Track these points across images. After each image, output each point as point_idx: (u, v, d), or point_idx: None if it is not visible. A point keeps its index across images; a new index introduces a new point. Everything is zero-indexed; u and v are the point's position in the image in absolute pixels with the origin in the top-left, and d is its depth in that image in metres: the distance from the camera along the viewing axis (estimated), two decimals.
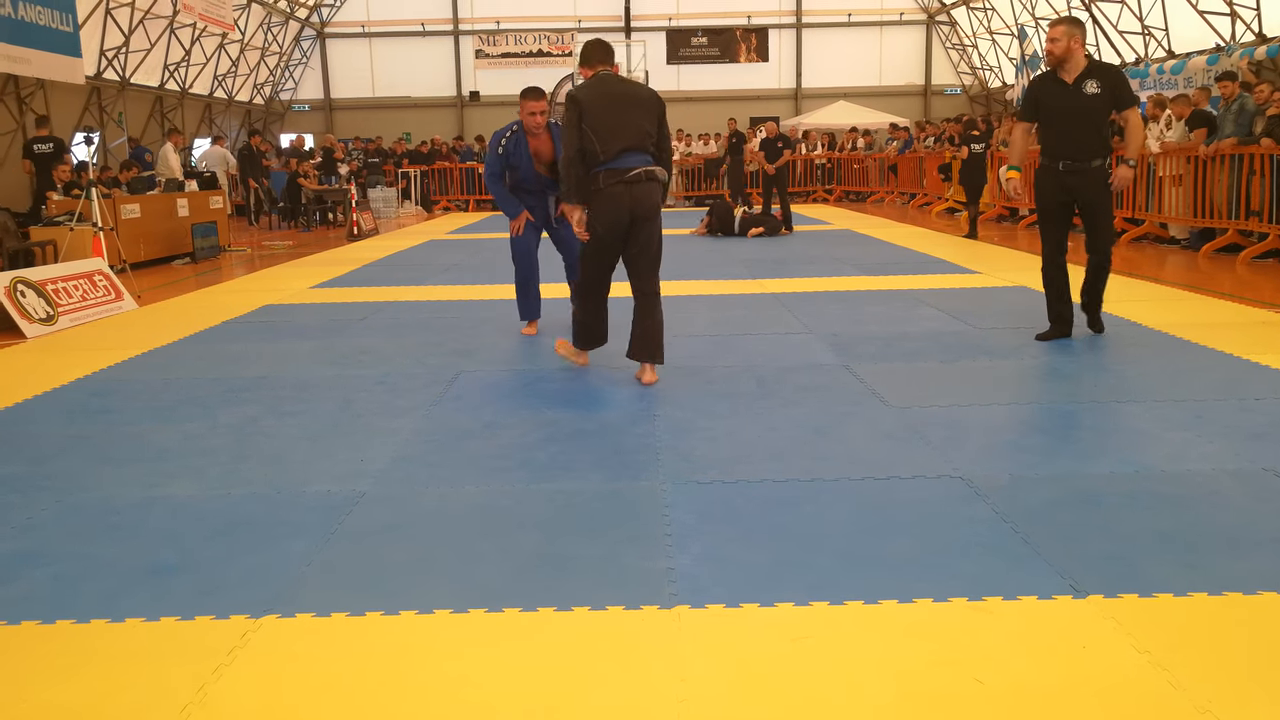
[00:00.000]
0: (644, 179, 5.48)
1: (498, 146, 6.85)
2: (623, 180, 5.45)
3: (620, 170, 5.44)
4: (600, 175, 5.47)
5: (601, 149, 5.41)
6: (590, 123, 5.44)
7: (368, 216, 18.15)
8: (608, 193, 5.47)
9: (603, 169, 5.45)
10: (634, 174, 5.46)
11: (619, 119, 5.48)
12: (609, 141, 5.42)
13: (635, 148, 5.47)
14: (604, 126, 5.44)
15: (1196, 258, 11.30)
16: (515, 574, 3.11)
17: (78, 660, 2.63)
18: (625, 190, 5.46)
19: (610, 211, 5.49)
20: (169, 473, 4.22)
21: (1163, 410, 4.81)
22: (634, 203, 5.46)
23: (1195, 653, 2.54)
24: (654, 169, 5.52)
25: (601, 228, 5.56)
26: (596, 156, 5.44)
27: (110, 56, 23.26)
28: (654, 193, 5.54)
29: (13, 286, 7.91)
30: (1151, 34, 23.17)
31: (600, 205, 5.50)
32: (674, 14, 33.78)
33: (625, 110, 5.51)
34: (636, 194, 5.47)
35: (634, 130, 5.48)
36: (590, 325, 5.92)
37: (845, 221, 17.78)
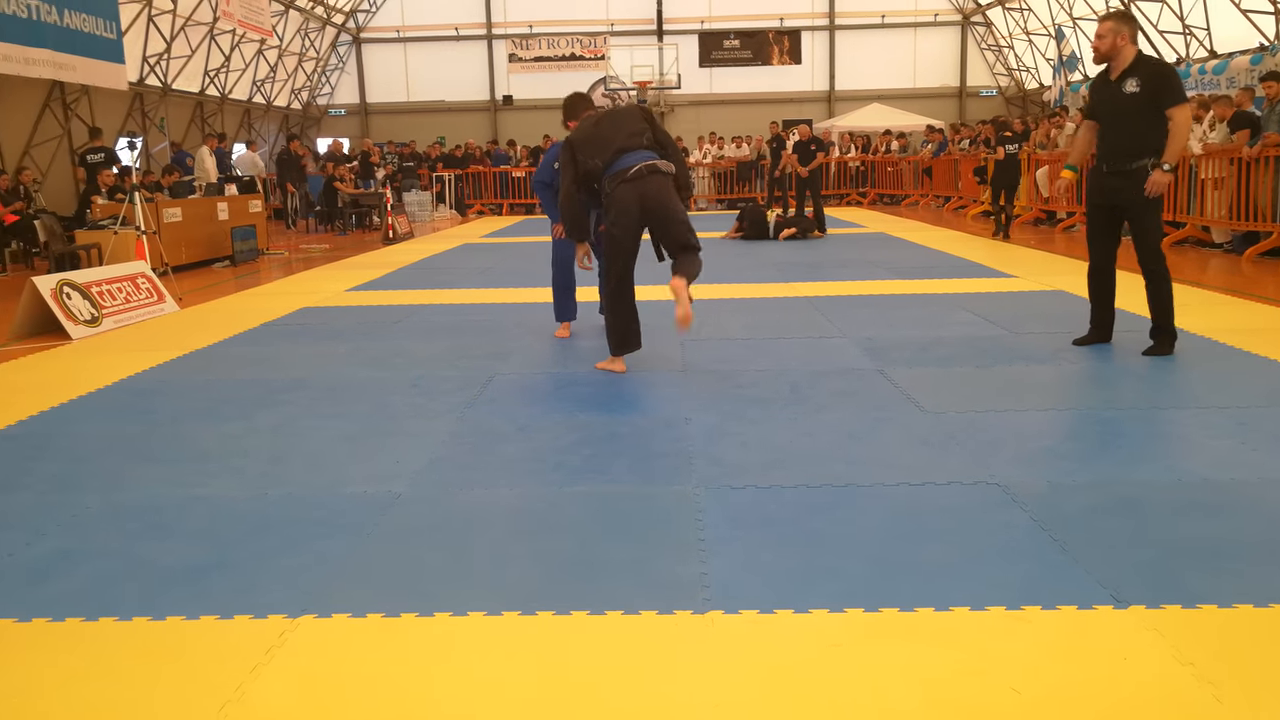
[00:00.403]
0: (646, 173, 5.62)
1: (554, 161, 6.99)
2: (626, 179, 5.60)
3: (623, 170, 5.61)
4: (605, 181, 5.65)
5: (601, 160, 5.63)
6: (583, 151, 5.71)
7: (403, 220, 18.25)
8: (616, 195, 5.64)
9: (606, 175, 5.62)
10: (635, 170, 5.61)
11: (607, 133, 5.74)
12: (602, 151, 5.65)
13: (630, 148, 5.66)
14: (595, 144, 5.70)
15: (1239, 261, 11.17)
16: (549, 577, 3.12)
17: (120, 657, 2.67)
18: (632, 189, 5.60)
19: (622, 213, 5.64)
20: (209, 472, 4.26)
21: (1205, 417, 4.75)
22: (642, 199, 5.58)
23: (1240, 665, 2.51)
24: (657, 163, 5.62)
25: (617, 230, 5.66)
26: (598, 171, 5.65)
27: (152, 63, 23.51)
28: (662, 185, 5.64)
29: (59, 289, 8.02)
30: (1193, 33, 22.93)
31: (612, 209, 5.67)
32: (706, 17, 33.74)
33: (611, 125, 5.80)
34: (644, 189, 5.59)
35: (623, 135, 5.70)
36: (622, 329, 5.97)
37: (879, 225, 17.70)
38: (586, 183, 5.83)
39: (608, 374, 5.99)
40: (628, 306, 5.94)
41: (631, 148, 5.68)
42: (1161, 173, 5.91)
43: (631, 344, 6.01)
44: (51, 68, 14.79)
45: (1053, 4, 28.65)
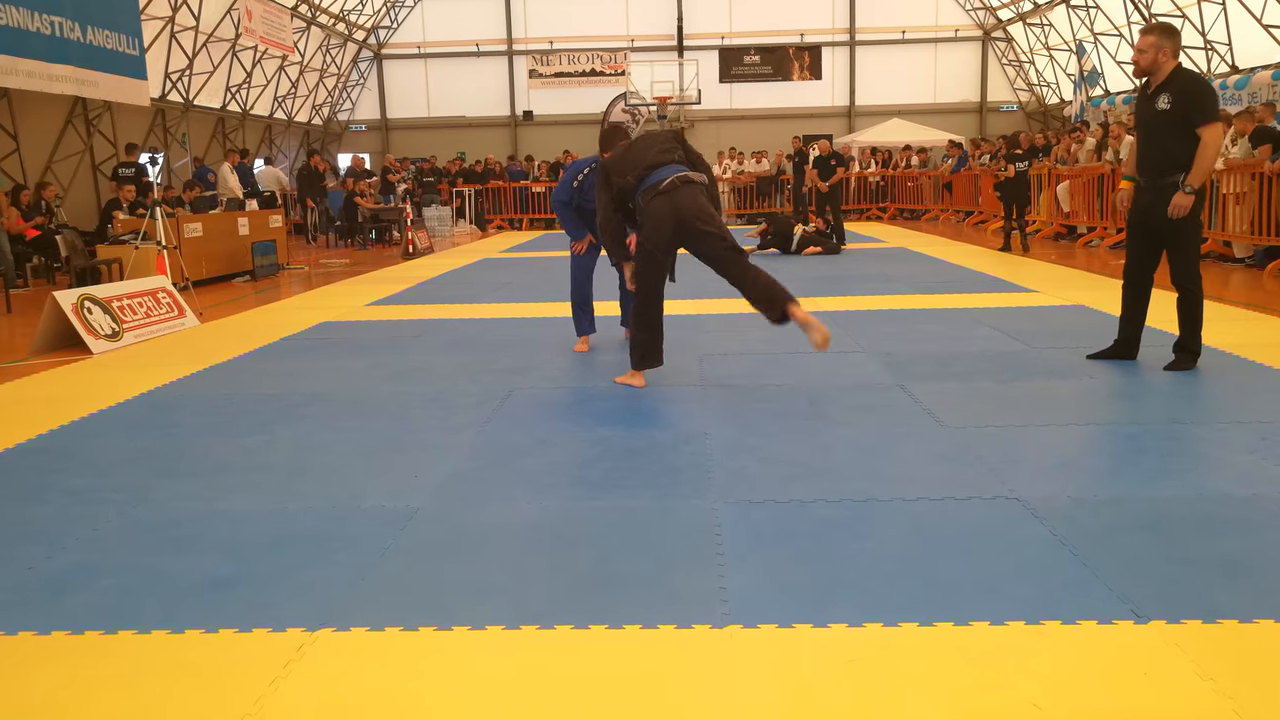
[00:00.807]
0: (680, 185, 5.62)
1: (573, 180, 7.07)
2: (659, 192, 5.61)
3: (655, 184, 5.64)
4: (640, 197, 5.67)
5: (633, 176, 5.68)
6: (615, 172, 5.77)
7: (423, 235, 18.32)
8: (650, 209, 5.64)
9: (640, 190, 5.64)
10: (668, 183, 5.62)
11: (638, 153, 5.81)
12: (634, 168, 5.70)
13: (661, 163, 5.70)
14: (627, 163, 5.77)
15: (1261, 276, 11.11)
16: (567, 591, 3.12)
17: (139, 671, 2.67)
18: (666, 201, 5.60)
19: (657, 227, 5.63)
20: (228, 486, 4.28)
21: (1227, 432, 4.72)
22: (676, 210, 5.58)
23: (1261, 681, 2.49)
24: (689, 174, 5.64)
25: (650, 244, 5.66)
26: (631, 188, 5.68)
27: (174, 79, 23.70)
28: (696, 195, 5.63)
29: (80, 303, 8.07)
30: (1214, 49, 22.84)
31: (646, 223, 5.66)
32: (727, 32, 33.81)
33: (642, 146, 5.87)
34: (678, 201, 5.59)
35: (654, 152, 5.76)
36: (647, 345, 5.95)
37: (899, 240, 17.67)
38: (620, 201, 5.86)
39: (627, 389, 5.99)
40: (655, 322, 5.93)
41: (663, 163, 5.71)
42: (1183, 194, 5.82)
43: (653, 360, 6.01)
44: (74, 84, 14.94)
45: (1073, 19, 28.60)
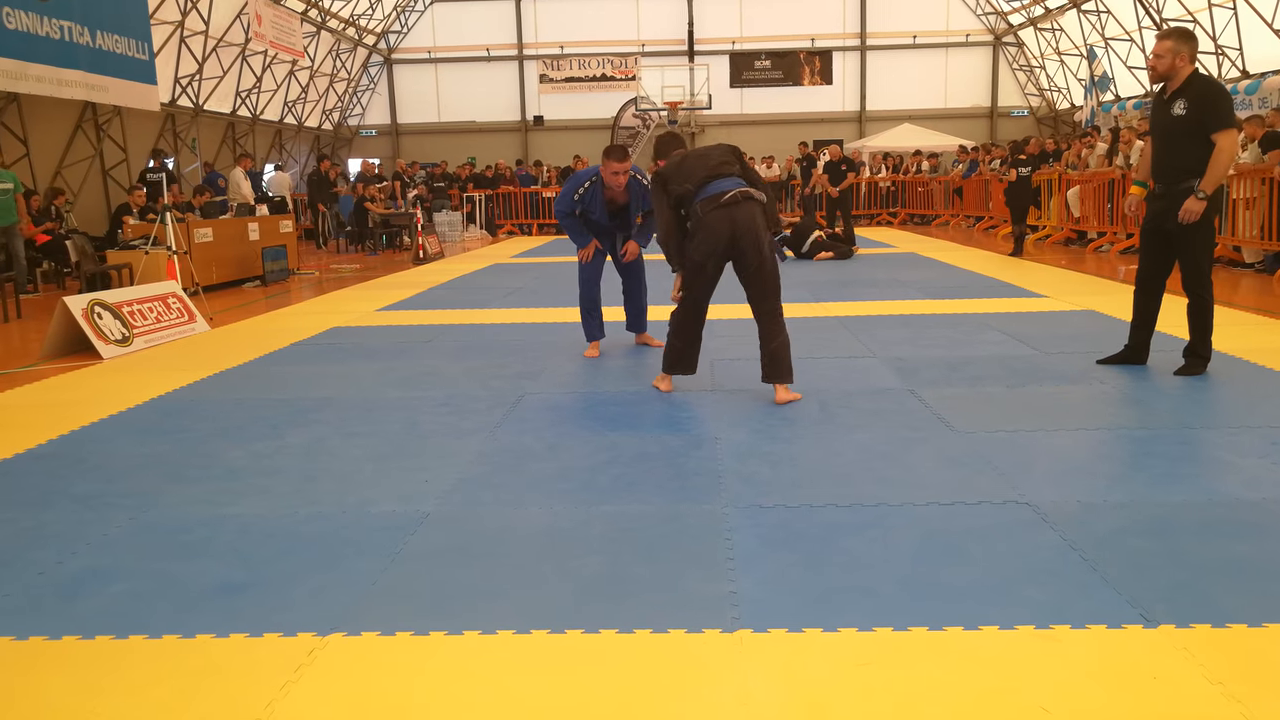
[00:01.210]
0: (741, 199, 5.57)
1: (574, 192, 7.06)
2: (720, 204, 5.54)
3: (716, 195, 5.56)
4: (698, 205, 5.59)
5: (692, 184, 5.62)
6: (673, 181, 5.71)
7: (433, 240, 18.35)
8: (708, 219, 5.57)
9: (698, 200, 5.58)
10: (730, 196, 5.55)
11: (695, 163, 5.74)
12: (691, 177, 5.64)
13: (721, 175, 5.64)
14: (686, 173, 5.70)
15: (1271, 282, 11.06)
16: (578, 596, 3.12)
17: (150, 675, 2.68)
18: (725, 214, 5.54)
19: (710, 238, 5.57)
20: (238, 491, 4.29)
21: (1237, 437, 4.71)
22: (734, 225, 5.53)
23: (1270, 685, 2.49)
24: (749, 190, 5.59)
25: (701, 255, 5.63)
26: (689, 196, 5.62)
27: (184, 84, 23.78)
28: (754, 213, 5.59)
29: (90, 308, 8.10)
30: (1225, 54, 22.79)
31: (700, 232, 5.61)
32: (737, 37, 33.85)
33: (699, 157, 5.80)
34: (736, 216, 5.54)
35: (712, 163, 5.69)
36: (683, 352, 5.97)
37: (909, 244, 17.66)
38: (677, 209, 5.81)
39: (638, 393, 5.99)
40: (693, 332, 5.93)
41: (722, 174, 5.65)
42: (1196, 200, 5.80)
43: (686, 367, 6.01)
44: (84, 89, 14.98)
45: (1084, 24, 28.57)
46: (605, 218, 7.11)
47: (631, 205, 7.08)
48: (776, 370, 5.69)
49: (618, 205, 7.08)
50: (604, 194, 6.98)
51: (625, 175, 6.90)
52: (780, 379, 5.70)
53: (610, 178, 6.87)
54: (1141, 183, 6.29)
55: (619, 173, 6.86)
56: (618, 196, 6.99)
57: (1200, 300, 6.05)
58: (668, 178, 5.76)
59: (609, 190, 6.97)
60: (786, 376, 5.70)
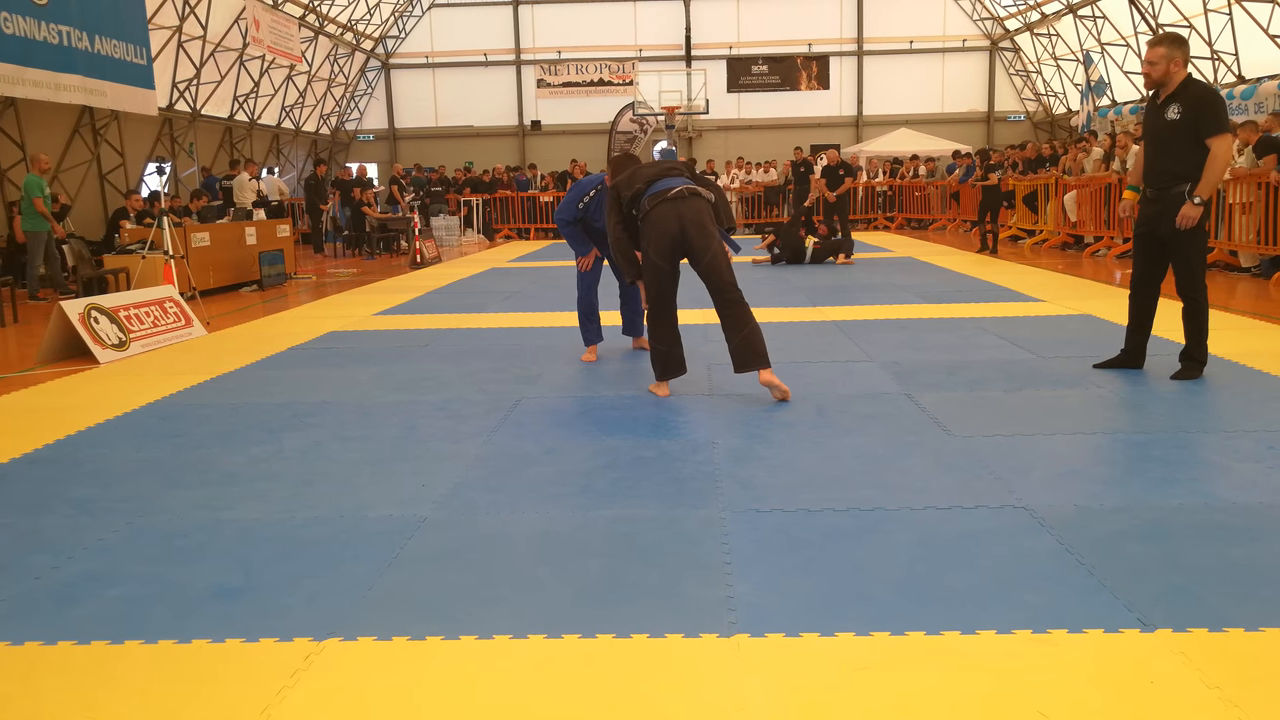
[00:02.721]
0: (687, 194, 5.66)
1: (578, 200, 7.06)
2: (666, 199, 5.63)
3: (662, 191, 5.66)
4: (646, 201, 5.70)
5: (638, 184, 5.72)
6: (625, 186, 5.84)
7: (430, 244, 18.34)
8: (655, 214, 5.66)
9: (646, 196, 5.69)
10: (676, 191, 5.64)
11: (646, 168, 5.91)
12: (639, 178, 5.75)
13: (669, 174, 5.76)
14: (635, 177, 5.83)
15: (1267, 285, 11.09)
16: (574, 600, 3.12)
17: (145, 681, 2.68)
18: (672, 208, 5.63)
19: (661, 234, 5.65)
20: (235, 496, 4.28)
21: (1233, 441, 4.72)
22: (681, 219, 5.61)
23: (1267, 689, 2.49)
24: (696, 187, 5.65)
25: (653, 252, 5.68)
26: (639, 196, 5.72)
27: (182, 88, 23.78)
28: (700, 208, 5.65)
29: (87, 313, 8.10)
30: (1221, 59, 22.84)
31: (650, 228, 5.69)
32: (734, 42, 33.88)
33: (650, 165, 5.99)
34: (683, 210, 5.63)
35: (664, 167, 5.84)
36: (666, 353, 5.97)
37: (906, 249, 17.67)
38: (627, 214, 5.90)
39: (635, 397, 6.00)
40: (669, 332, 5.94)
41: (670, 174, 5.78)
42: (1192, 205, 5.81)
43: (674, 369, 6.01)
44: (82, 93, 14.98)
45: (1081, 29, 28.62)
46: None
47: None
48: (750, 355, 5.66)
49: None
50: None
51: None
52: (756, 365, 5.66)
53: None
54: (1135, 187, 6.31)
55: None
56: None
57: (1195, 304, 6.05)
58: (620, 186, 5.88)
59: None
60: (762, 361, 5.66)
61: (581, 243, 7.19)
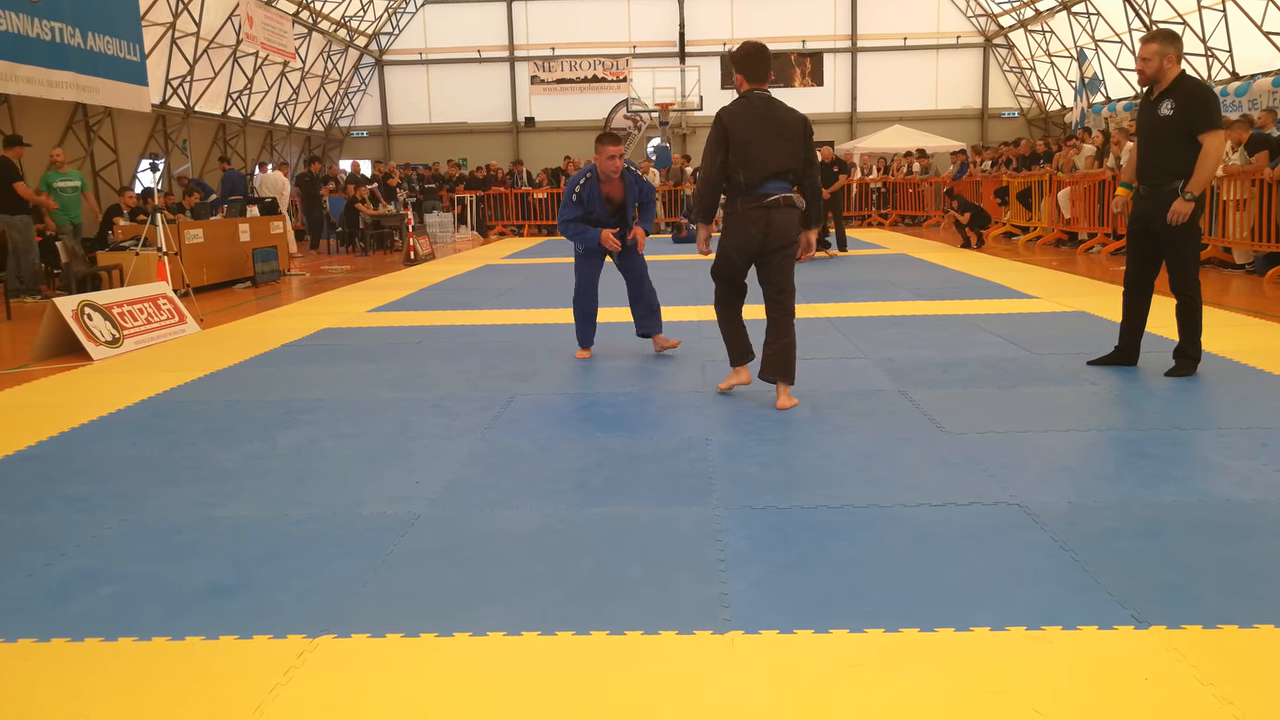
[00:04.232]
0: (782, 204, 5.49)
1: (572, 194, 7.00)
2: (760, 205, 5.46)
3: (761, 195, 5.46)
4: (740, 200, 5.51)
5: (745, 178, 5.44)
6: (737, 149, 5.44)
7: (424, 241, 18.32)
8: (744, 215, 5.51)
9: (743, 195, 5.49)
10: (772, 199, 5.46)
11: (766, 148, 5.46)
12: (754, 170, 5.44)
13: (778, 176, 5.48)
14: (750, 154, 5.44)
15: (1261, 283, 11.11)
16: (568, 597, 3.11)
17: (139, 678, 2.67)
18: (763, 215, 5.48)
19: (743, 235, 5.54)
20: (229, 493, 4.28)
21: (1227, 438, 4.72)
22: (769, 227, 5.48)
23: (1261, 686, 2.49)
24: (791, 195, 5.52)
25: (733, 249, 5.61)
26: (739, 184, 5.47)
27: (175, 85, 23.74)
28: (790, 219, 5.53)
29: (80, 310, 8.08)
30: (1215, 55, 22.87)
31: (735, 227, 5.56)
32: (729, 39, 33.84)
33: (773, 139, 5.48)
34: (773, 219, 5.48)
35: (780, 159, 5.47)
36: (735, 339, 5.92)
37: (900, 246, 17.68)
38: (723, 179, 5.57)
39: (629, 394, 5.99)
40: (736, 320, 5.89)
41: (779, 176, 5.49)
42: (1183, 201, 5.82)
43: (747, 356, 5.93)
44: (75, 90, 14.96)
45: (1075, 26, 28.65)
46: (605, 215, 7.06)
47: (628, 199, 7.06)
48: (780, 368, 5.62)
49: (615, 202, 7.05)
50: (601, 189, 6.96)
51: (621, 160, 6.88)
52: (782, 378, 5.63)
53: (606, 163, 6.86)
54: (1129, 184, 6.32)
55: (615, 156, 6.85)
56: (614, 193, 6.97)
57: (1189, 301, 6.06)
58: (731, 131, 5.45)
59: (605, 184, 6.96)
60: (788, 376, 5.63)
61: (588, 233, 7.05)
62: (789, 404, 5.59)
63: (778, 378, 5.63)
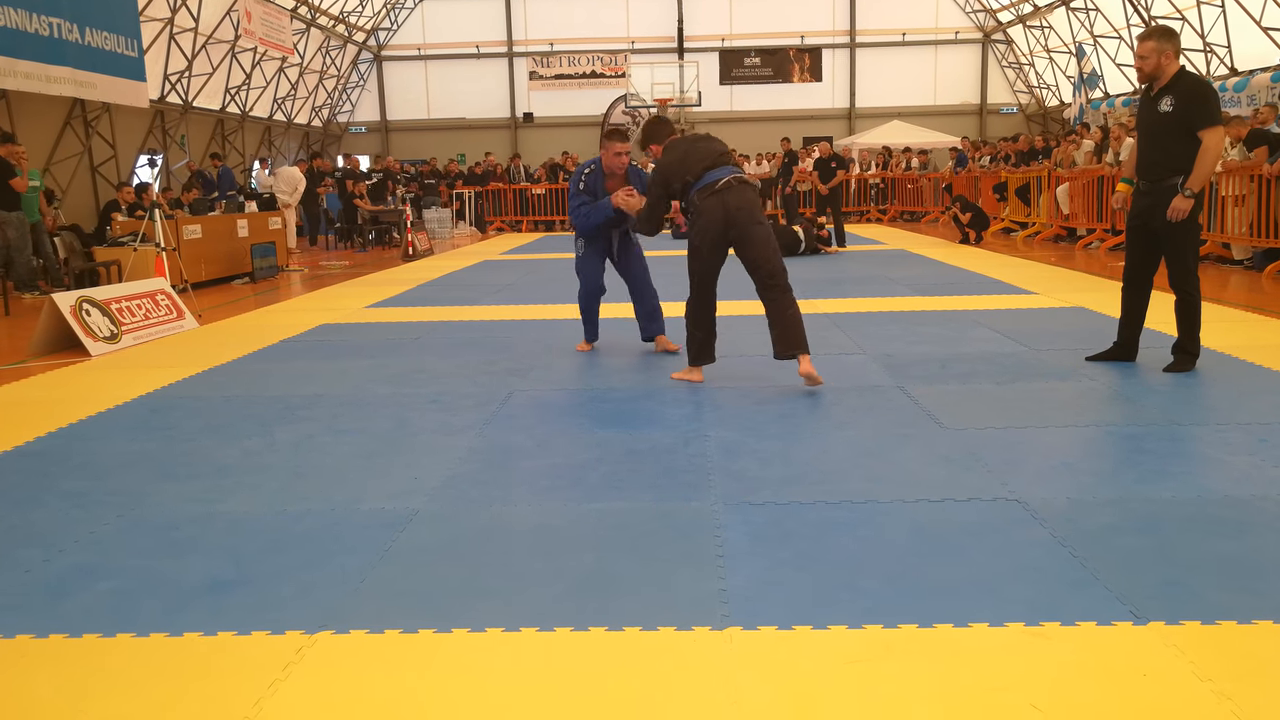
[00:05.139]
0: (735, 184, 5.71)
1: (579, 182, 7.05)
2: (714, 191, 5.68)
3: (710, 184, 5.70)
4: (694, 195, 5.75)
5: (689, 176, 5.74)
6: (675, 169, 5.85)
7: (422, 237, 18.31)
8: (703, 206, 5.72)
9: (694, 190, 5.74)
10: (723, 183, 5.69)
11: (695, 153, 5.86)
12: (691, 169, 5.75)
13: (716, 165, 5.77)
14: (684, 163, 5.82)
15: (1260, 278, 11.11)
16: (567, 593, 3.11)
17: (137, 674, 2.67)
18: (718, 199, 5.68)
19: (709, 225, 5.71)
20: (227, 489, 4.27)
21: (1226, 434, 4.72)
22: (728, 209, 5.67)
23: (1259, 682, 2.49)
24: (741, 174, 5.77)
25: (698, 239, 5.79)
26: (687, 188, 5.77)
27: (174, 80, 23.70)
28: (748, 195, 5.74)
29: (78, 305, 8.07)
30: (1214, 51, 22.86)
31: (699, 221, 5.77)
32: (727, 34, 33.85)
33: (698, 146, 5.94)
34: (730, 200, 5.68)
35: (711, 155, 5.83)
36: (703, 340, 6.06)
37: (899, 241, 17.68)
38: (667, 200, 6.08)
39: (627, 390, 5.99)
40: (707, 318, 6.02)
41: (718, 165, 5.80)
42: (1183, 197, 5.81)
43: (707, 356, 6.11)
44: (72, 85, 14.93)
45: (1073, 21, 28.63)
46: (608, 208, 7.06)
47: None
48: (793, 340, 5.71)
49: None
50: (605, 184, 6.99)
51: (627, 156, 6.99)
52: (797, 348, 5.71)
53: (613, 159, 6.94)
54: (1129, 180, 6.31)
55: (621, 154, 6.96)
56: (618, 187, 7.00)
57: (1188, 297, 6.06)
58: (669, 173, 5.90)
59: (610, 179, 7.00)
60: (802, 346, 5.72)
61: (597, 208, 6.97)
62: (812, 370, 5.71)
63: (794, 350, 5.74)
